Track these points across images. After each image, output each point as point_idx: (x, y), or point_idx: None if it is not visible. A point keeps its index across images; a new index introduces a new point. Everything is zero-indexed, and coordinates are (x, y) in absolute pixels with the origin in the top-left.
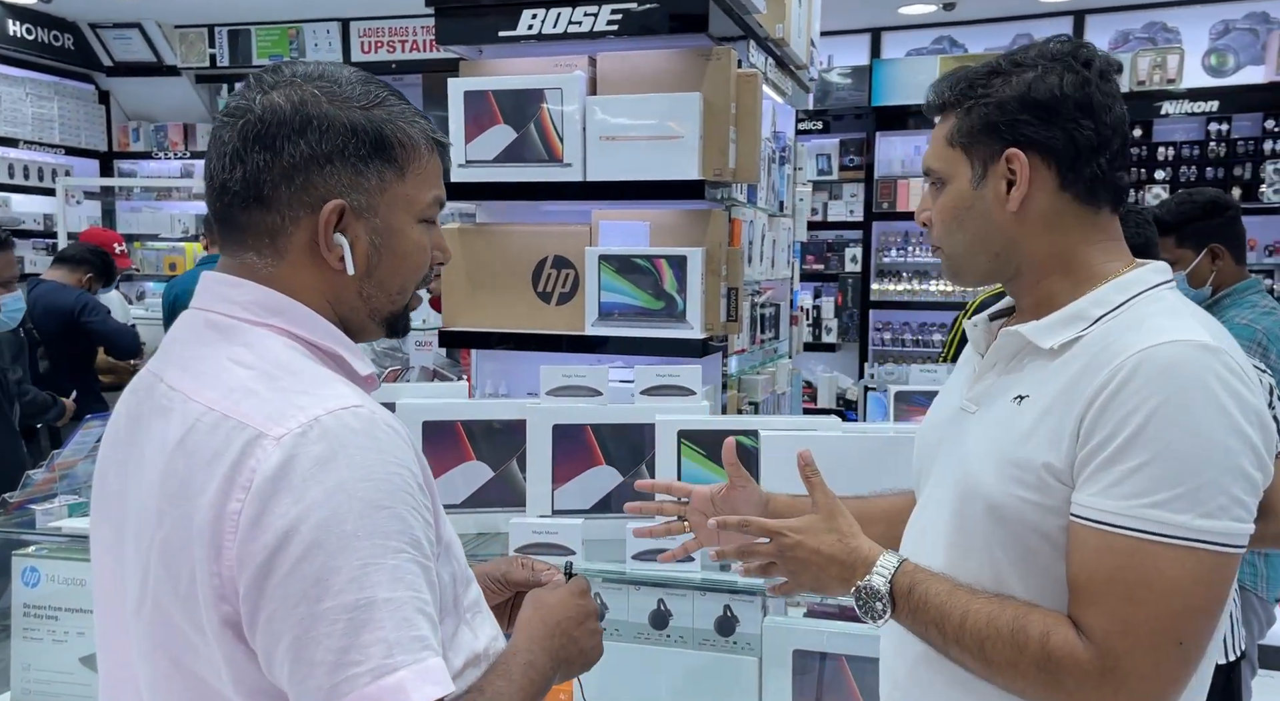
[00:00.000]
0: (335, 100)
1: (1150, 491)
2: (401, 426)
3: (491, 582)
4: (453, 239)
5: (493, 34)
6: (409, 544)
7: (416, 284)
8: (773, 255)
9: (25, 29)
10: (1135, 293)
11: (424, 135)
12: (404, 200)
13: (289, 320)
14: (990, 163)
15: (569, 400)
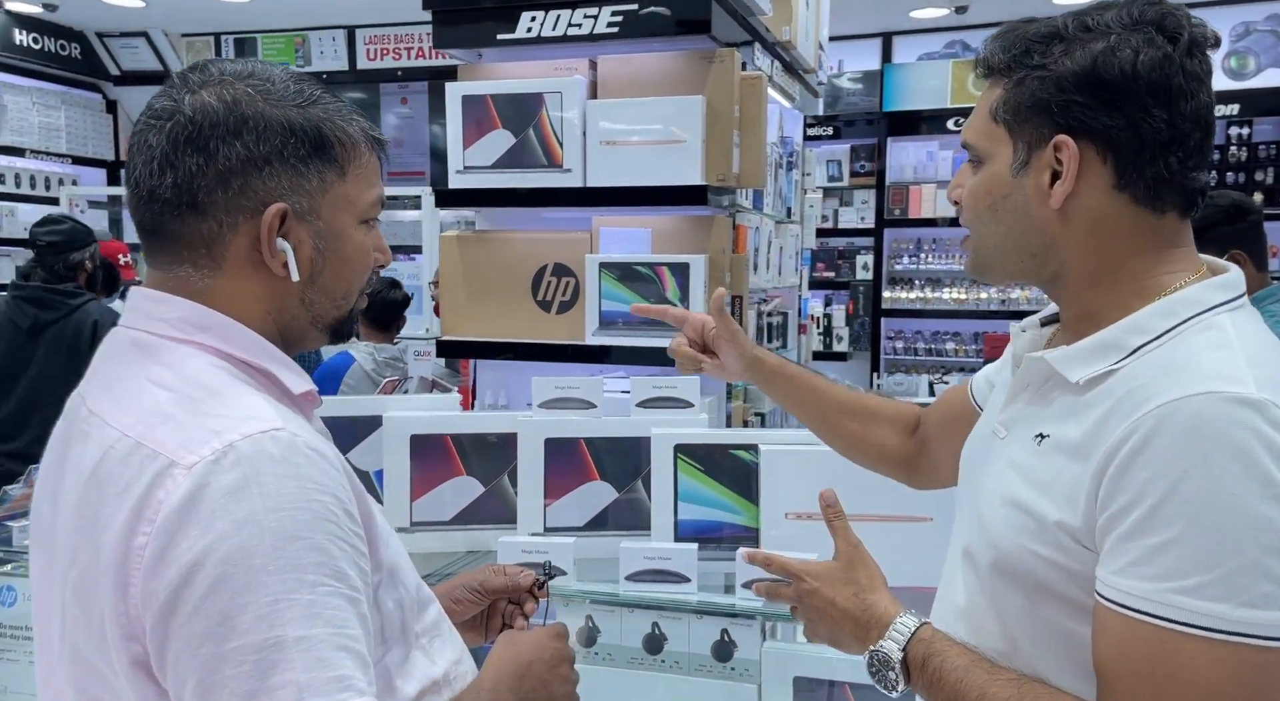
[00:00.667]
0: (270, 98)
1: (1179, 574)
2: (331, 449)
3: (468, 592)
4: (451, 246)
5: (491, 37)
6: (330, 576)
7: (360, 288)
8: (780, 262)
9: (32, 38)
10: (1185, 317)
11: (362, 133)
12: (346, 201)
13: (218, 336)
14: (1036, 148)
15: (562, 413)
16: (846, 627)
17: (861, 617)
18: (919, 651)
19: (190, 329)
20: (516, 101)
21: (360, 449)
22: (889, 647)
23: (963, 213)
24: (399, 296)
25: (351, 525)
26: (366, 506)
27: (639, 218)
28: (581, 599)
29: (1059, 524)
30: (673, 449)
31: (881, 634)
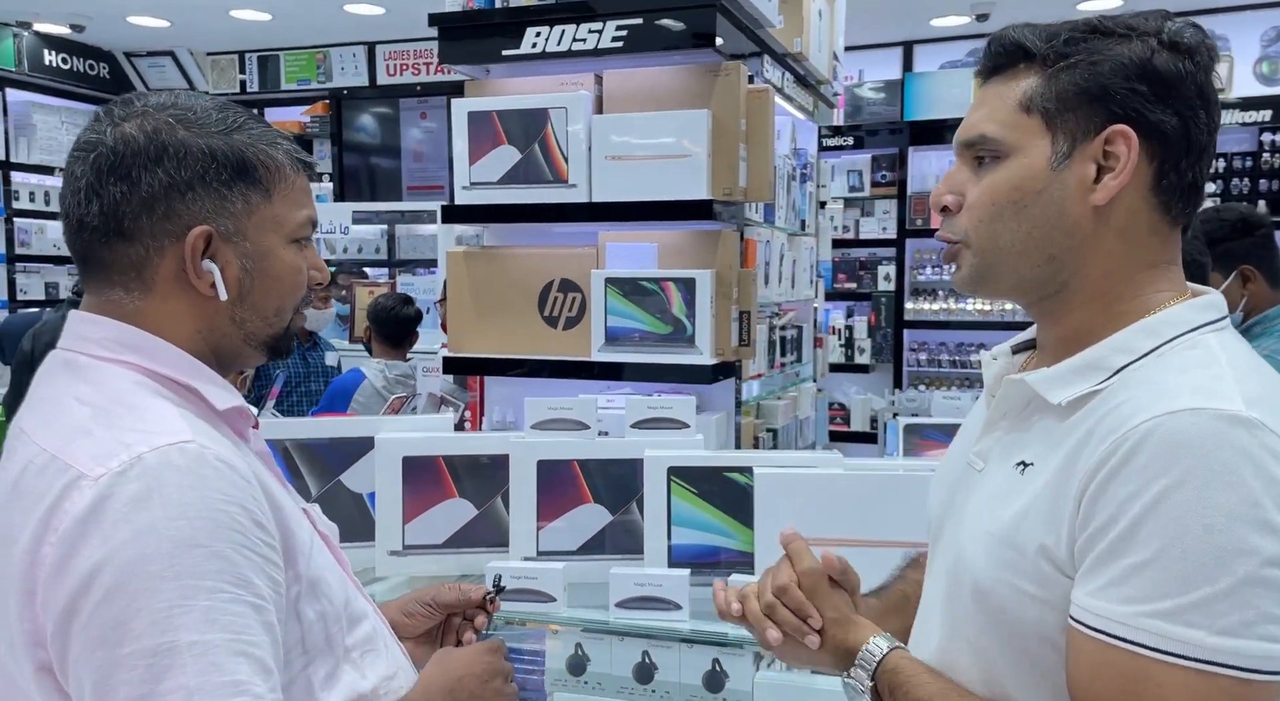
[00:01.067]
0: (190, 126)
1: (1155, 597)
2: (242, 462)
3: (420, 606)
4: (458, 262)
5: (496, 53)
6: (231, 583)
7: (295, 305)
8: (793, 275)
9: (61, 58)
10: (1169, 337)
11: (288, 156)
12: (273, 222)
13: (145, 355)
14: (1082, 139)
15: (555, 434)
16: (826, 660)
17: (836, 651)
18: (886, 681)
19: (118, 348)
20: (522, 117)
21: (353, 471)
22: (859, 676)
23: (961, 217)
24: (411, 312)
25: (261, 535)
26: (285, 519)
27: (645, 232)
28: (572, 626)
29: (1041, 549)
30: (666, 471)
31: (852, 661)
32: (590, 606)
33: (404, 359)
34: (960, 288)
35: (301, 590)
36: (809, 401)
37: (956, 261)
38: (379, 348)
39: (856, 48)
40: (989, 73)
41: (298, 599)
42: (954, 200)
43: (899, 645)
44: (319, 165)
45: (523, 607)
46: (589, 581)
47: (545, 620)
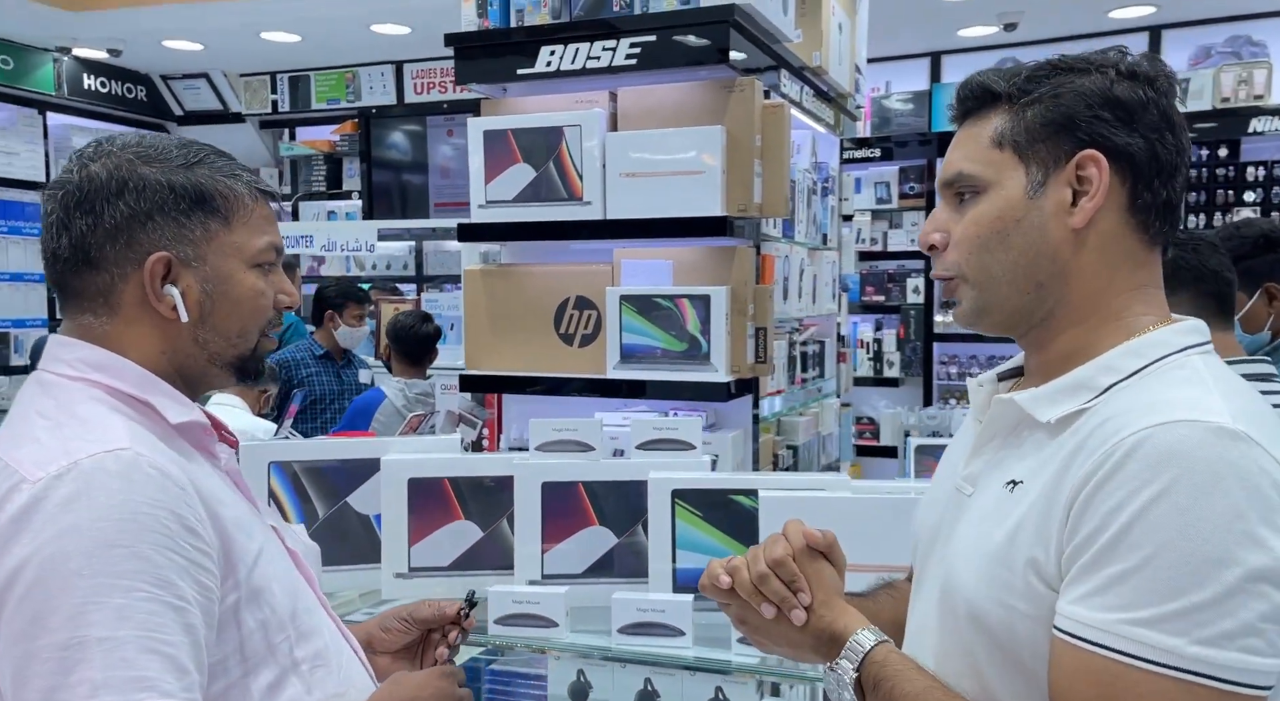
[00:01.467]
0: (151, 162)
1: (1136, 604)
2: (180, 471)
3: (397, 621)
4: (474, 280)
5: (511, 72)
6: (149, 583)
7: (260, 328)
8: (814, 290)
9: (100, 82)
10: (1154, 358)
11: (247, 186)
12: (233, 247)
13: (110, 374)
14: (1054, 167)
15: (559, 456)
16: (807, 644)
17: (820, 635)
18: (872, 673)
19: (85, 368)
20: (536, 135)
21: (360, 492)
22: (844, 667)
23: (949, 252)
24: (430, 330)
25: (192, 540)
26: (226, 529)
27: (660, 249)
28: (573, 652)
29: (1030, 563)
30: (670, 494)
31: (838, 652)
32: (594, 631)
33: (424, 376)
34: (962, 322)
35: (241, 598)
36: (832, 417)
37: (956, 296)
38: (399, 366)
39: (883, 59)
40: (962, 117)
41: (237, 606)
42: (941, 238)
43: (886, 638)
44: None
45: (524, 632)
46: (593, 605)
47: (546, 646)
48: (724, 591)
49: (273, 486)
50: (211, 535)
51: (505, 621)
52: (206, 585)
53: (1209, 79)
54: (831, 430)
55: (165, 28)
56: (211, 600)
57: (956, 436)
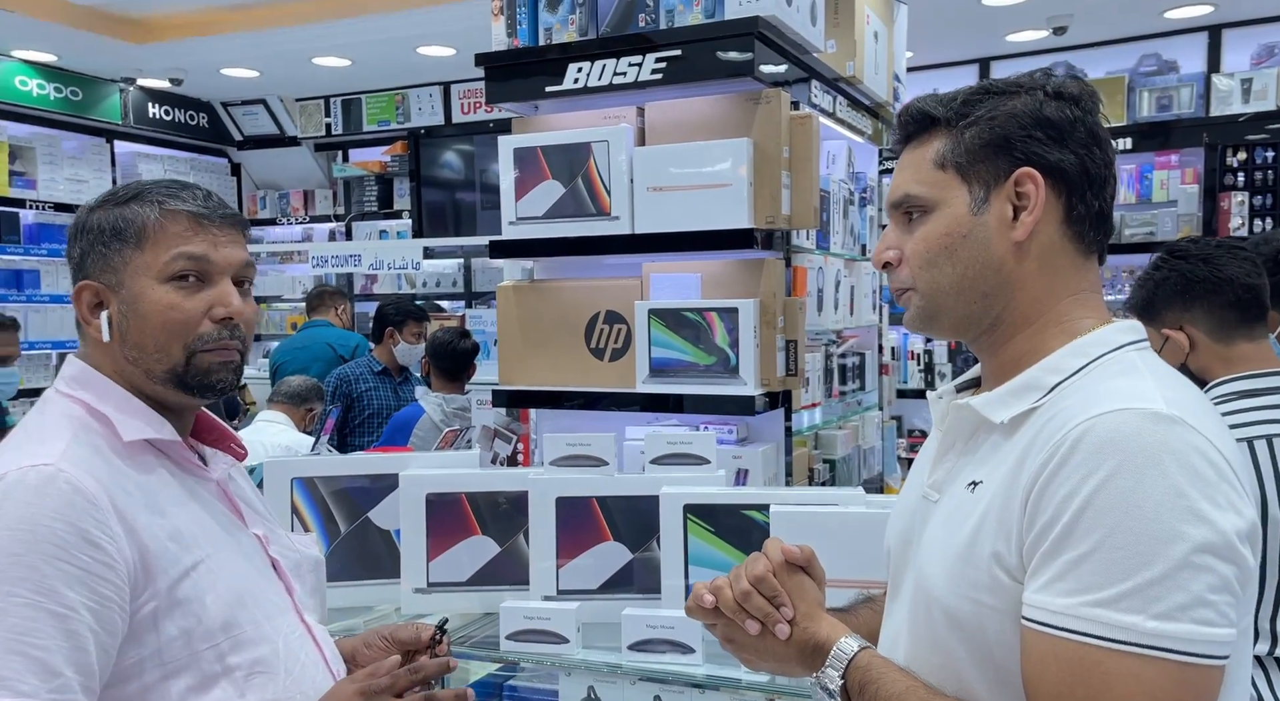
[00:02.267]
0: (95, 208)
1: (1094, 587)
2: (96, 487)
3: (379, 639)
4: (508, 296)
5: (540, 90)
6: (31, 590)
7: (185, 342)
8: (852, 302)
9: (163, 110)
10: (1095, 356)
11: (159, 209)
12: (143, 267)
13: (92, 392)
14: (994, 185)
15: (573, 471)
16: (792, 657)
17: (805, 646)
18: (857, 678)
19: (75, 385)
20: (565, 152)
21: (381, 508)
22: (829, 676)
23: (903, 268)
24: (468, 346)
25: (91, 552)
26: (144, 542)
27: (689, 263)
28: (583, 668)
29: (994, 556)
30: (682, 509)
31: (823, 661)
32: (607, 647)
33: (462, 392)
34: (910, 327)
35: (160, 606)
36: (874, 430)
37: (906, 304)
38: (437, 381)
39: (931, 66)
40: (904, 141)
41: (156, 613)
42: (894, 255)
43: (868, 645)
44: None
45: (535, 648)
46: (606, 622)
47: (557, 662)
48: (709, 611)
49: (295, 501)
50: (125, 549)
51: (517, 637)
52: (105, 594)
53: (1272, 78)
54: (873, 444)
55: (223, 56)
56: (111, 608)
57: (923, 448)
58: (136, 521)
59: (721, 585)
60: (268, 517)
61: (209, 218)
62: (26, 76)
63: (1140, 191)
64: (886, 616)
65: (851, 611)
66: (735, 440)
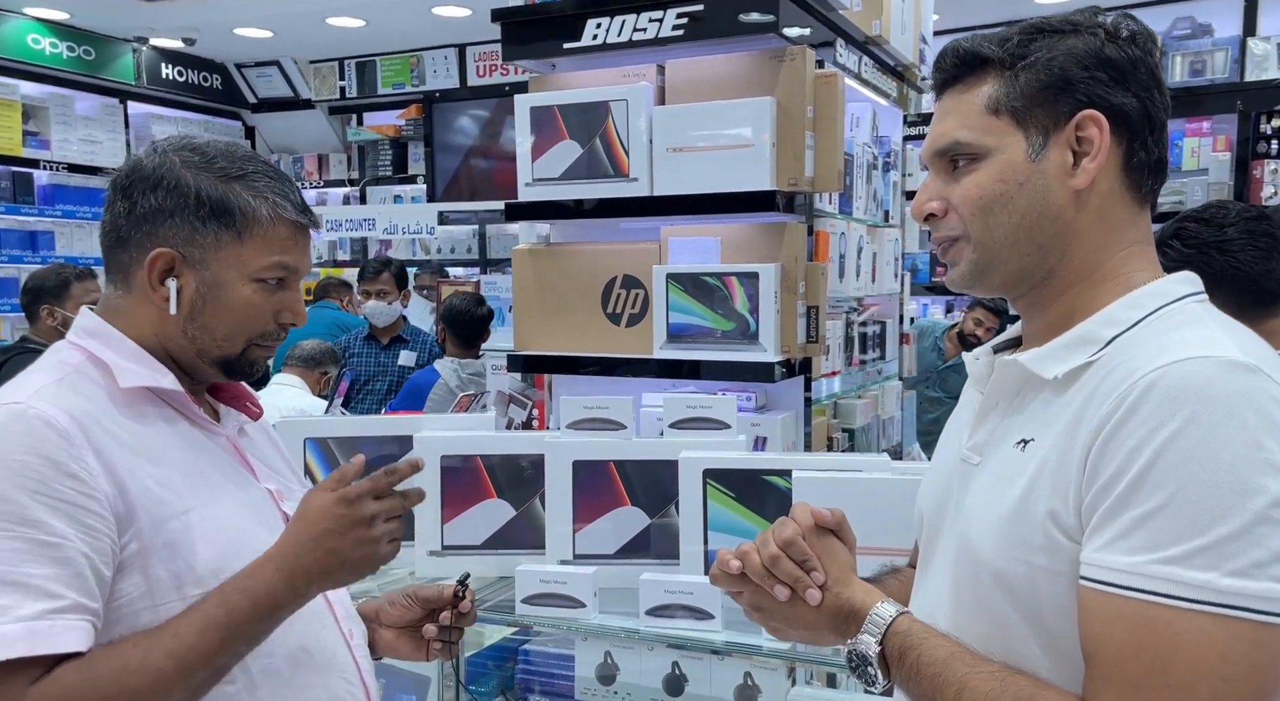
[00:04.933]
0: (192, 167)
1: (1164, 544)
2: (69, 423)
3: (403, 597)
4: (523, 260)
5: (558, 47)
6: (17, 522)
7: (250, 336)
8: (874, 269)
9: (176, 71)
10: (1153, 308)
11: (272, 210)
12: (237, 260)
13: (98, 341)
14: (1054, 129)
15: (590, 434)
16: (824, 623)
17: (838, 612)
18: (896, 643)
19: (83, 335)
20: (583, 111)
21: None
22: (866, 642)
23: (951, 217)
24: (484, 312)
25: (72, 484)
26: (124, 481)
27: (708, 226)
28: (602, 635)
29: (1050, 515)
30: (702, 474)
31: (859, 626)
32: (623, 613)
33: (476, 357)
34: (957, 284)
35: (145, 547)
36: (894, 400)
37: (955, 257)
38: (453, 347)
39: (957, 30)
40: (946, 84)
41: (142, 554)
42: (939, 205)
43: (906, 610)
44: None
45: (551, 612)
46: (623, 587)
47: (573, 626)
48: (735, 578)
49: (309, 462)
50: (103, 484)
51: (533, 600)
52: (92, 525)
53: None
54: (893, 414)
55: (236, 15)
56: (101, 537)
57: (955, 413)
58: (115, 459)
59: (748, 550)
60: (286, 475)
61: (305, 227)
62: (39, 34)
63: (1170, 159)
64: (917, 586)
65: (879, 582)
66: (754, 407)
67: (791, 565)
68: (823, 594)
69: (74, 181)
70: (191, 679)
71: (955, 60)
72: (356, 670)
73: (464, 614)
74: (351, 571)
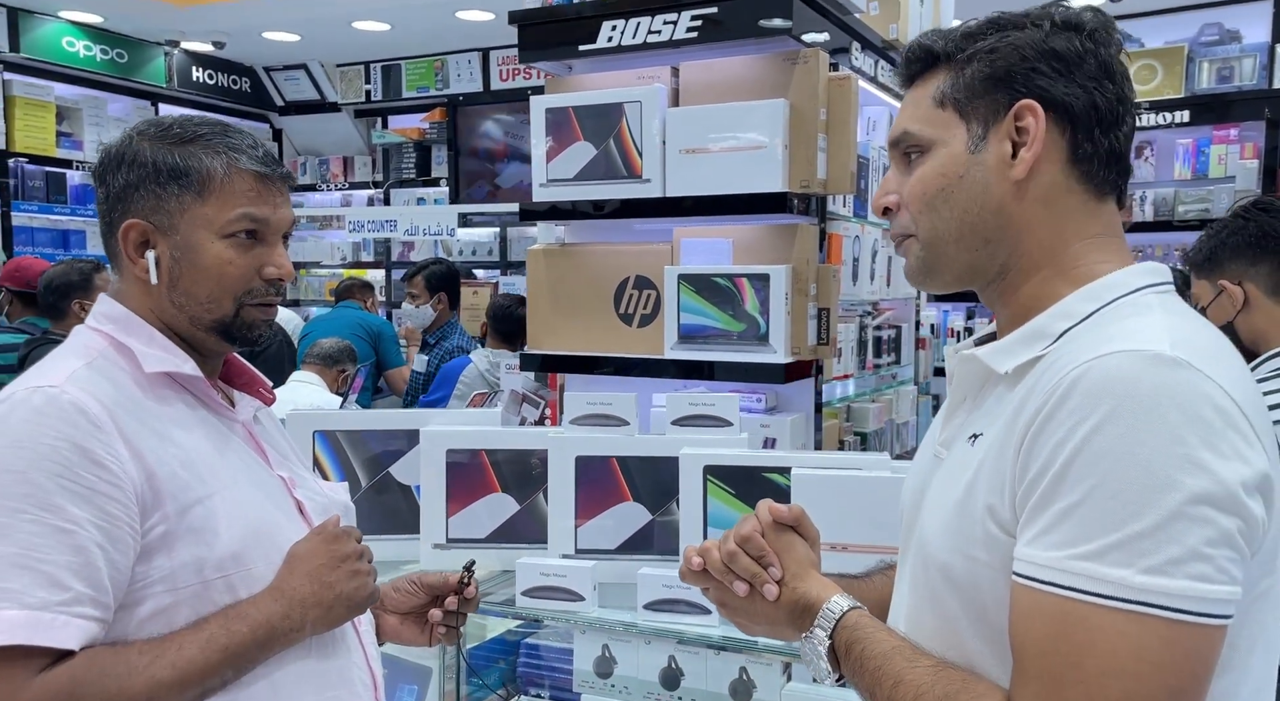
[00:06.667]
0: (148, 139)
1: (1082, 539)
2: (99, 409)
3: (408, 583)
4: (537, 260)
5: (574, 49)
6: (36, 506)
7: (235, 295)
8: (889, 273)
9: (207, 74)
10: (1109, 300)
11: (227, 164)
12: (203, 219)
13: (117, 325)
14: (993, 120)
15: (592, 430)
16: (782, 618)
17: (794, 607)
18: (844, 638)
19: (103, 319)
20: (597, 112)
21: (402, 463)
22: (817, 636)
23: (902, 213)
24: (524, 312)
25: (95, 471)
26: (151, 466)
27: (721, 227)
28: (600, 628)
29: (988, 510)
30: (702, 470)
31: (812, 620)
32: (622, 607)
33: (513, 350)
34: (912, 280)
35: (171, 530)
36: (908, 405)
37: (905, 253)
38: (493, 340)
39: None
40: (909, 80)
41: (167, 537)
42: (893, 199)
43: (859, 605)
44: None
45: (551, 605)
46: (624, 582)
47: (572, 619)
48: (699, 574)
49: (317, 454)
50: (130, 470)
51: (533, 593)
52: (112, 513)
53: None
54: (907, 419)
55: (264, 19)
56: (120, 526)
57: (941, 408)
58: (143, 445)
59: (709, 547)
60: (295, 463)
61: (270, 178)
62: (74, 37)
63: (1196, 166)
64: (897, 581)
65: (866, 578)
66: (764, 408)
67: (749, 561)
68: (780, 589)
69: None
70: (185, 692)
71: (912, 56)
72: (364, 655)
73: (469, 599)
74: (344, 603)
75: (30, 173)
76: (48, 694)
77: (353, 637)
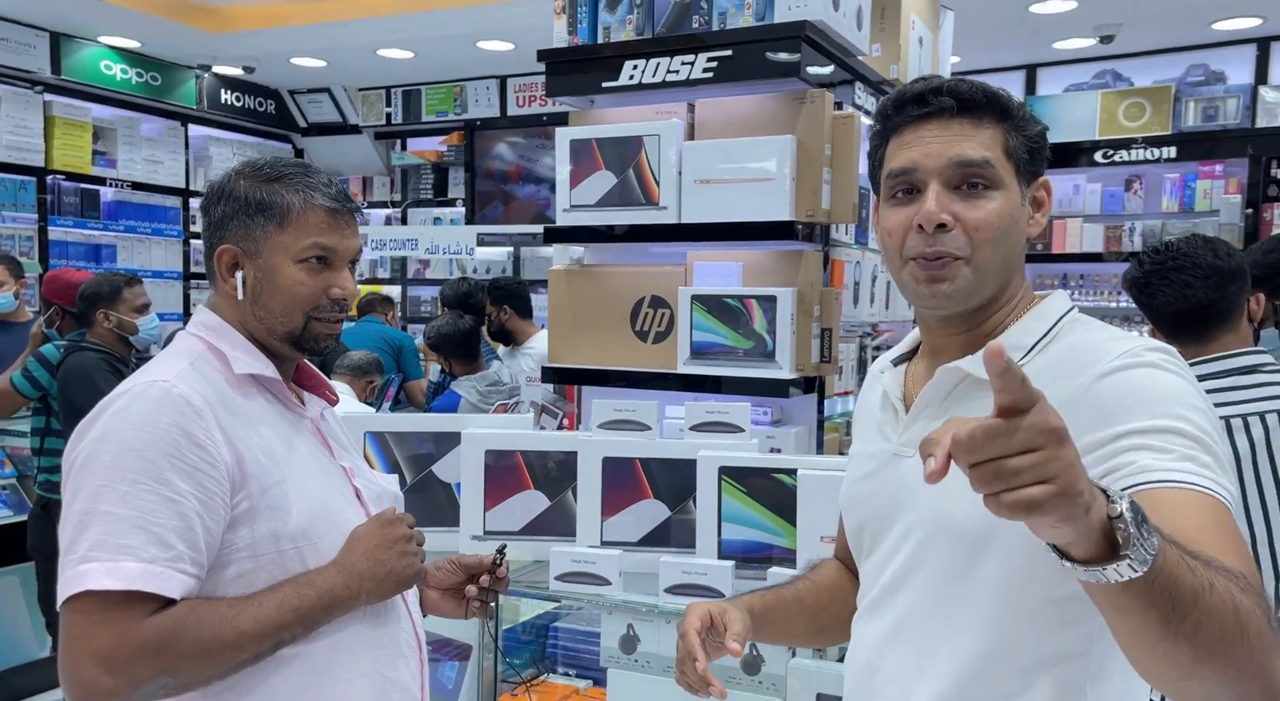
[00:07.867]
0: (244, 177)
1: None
2: (202, 401)
3: (448, 563)
4: (559, 280)
5: (597, 85)
6: (151, 480)
7: (305, 311)
8: (888, 296)
9: (234, 97)
10: (1055, 320)
11: (304, 200)
12: (281, 246)
13: (213, 333)
14: (1027, 185)
15: (619, 434)
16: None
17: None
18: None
19: (202, 327)
20: (618, 144)
21: (443, 462)
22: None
23: (959, 236)
24: (467, 324)
25: (199, 453)
26: (240, 451)
27: (731, 252)
28: (624, 609)
29: None
30: (717, 471)
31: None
32: (644, 593)
33: (484, 367)
34: (948, 301)
35: (253, 507)
36: None
37: (949, 274)
38: (458, 368)
39: (978, 71)
40: (963, 111)
41: (250, 511)
42: (950, 219)
43: None
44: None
45: (582, 589)
46: (646, 572)
47: (601, 602)
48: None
49: (367, 453)
50: (224, 453)
51: (565, 578)
52: (209, 488)
53: None
54: None
55: (293, 46)
56: (215, 499)
57: (863, 419)
58: (234, 433)
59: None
60: (354, 456)
61: (340, 212)
62: (111, 61)
63: (1183, 200)
64: (863, 578)
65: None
66: (769, 421)
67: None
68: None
69: (136, 198)
70: (262, 643)
71: (980, 94)
72: (411, 623)
73: (500, 578)
74: (394, 579)
75: (66, 189)
76: (156, 633)
77: (402, 608)
